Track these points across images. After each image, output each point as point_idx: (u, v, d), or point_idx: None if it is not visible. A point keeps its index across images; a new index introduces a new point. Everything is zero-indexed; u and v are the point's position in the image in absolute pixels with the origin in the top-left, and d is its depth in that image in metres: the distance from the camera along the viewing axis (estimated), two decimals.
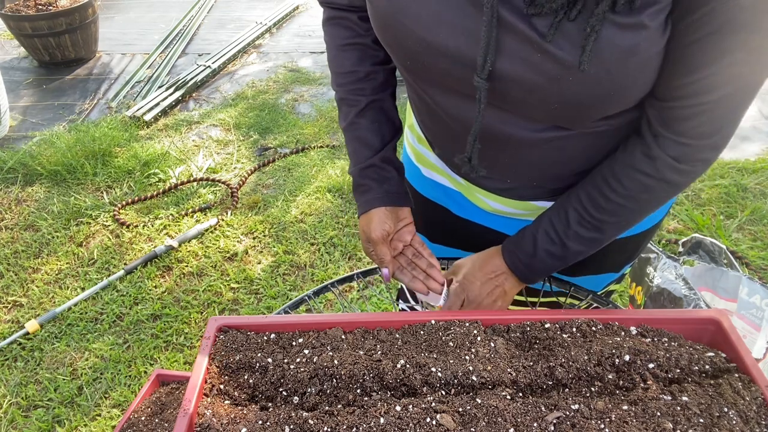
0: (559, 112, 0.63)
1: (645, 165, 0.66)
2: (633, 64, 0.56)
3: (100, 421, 1.71)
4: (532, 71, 0.58)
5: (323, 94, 3.56)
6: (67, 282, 2.20)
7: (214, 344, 0.72)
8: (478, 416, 0.61)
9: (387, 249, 0.85)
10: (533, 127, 0.68)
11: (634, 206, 0.70)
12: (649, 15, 0.53)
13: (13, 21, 3.61)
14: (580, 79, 0.57)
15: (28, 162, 2.83)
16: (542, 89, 0.59)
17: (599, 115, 0.63)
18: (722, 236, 2.21)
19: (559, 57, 0.55)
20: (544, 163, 0.74)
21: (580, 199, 0.73)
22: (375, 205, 0.84)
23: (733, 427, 0.59)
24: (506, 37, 0.57)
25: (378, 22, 0.66)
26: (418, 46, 0.63)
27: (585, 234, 0.74)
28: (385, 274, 0.85)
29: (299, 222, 2.46)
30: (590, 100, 0.60)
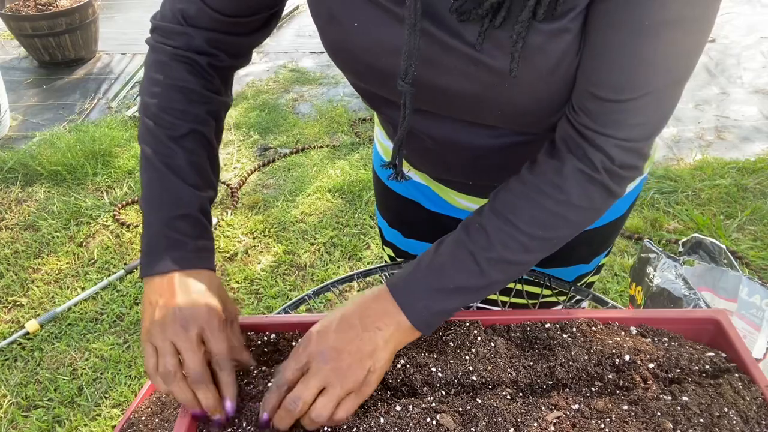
0: (505, 117, 0.63)
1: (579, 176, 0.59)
2: (563, 67, 0.55)
3: (100, 421, 1.71)
4: (469, 82, 0.58)
5: (323, 94, 3.56)
6: (67, 282, 2.20)
7: None
8: (479, 416, 0.61)
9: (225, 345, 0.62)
10: (490, 133, 0.68)
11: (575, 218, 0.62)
12: (570, 19, 0.52)
13: (13, 21, 3.61)
14: (515, 86, 0.57)
15: (28, 162, 2.83)
16: (483, 98, 0.60)
17: (545, 117, 0.63)
18: (722, 236, 2.21)
19: (492, 65, 0.56)
20: (505, 165, 0.74)
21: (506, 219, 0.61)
22: (201, 264, 0.65)
23: (733, 427, 0.59)
24: (439, 52, 0.57)
25: (329, 50, 0.66)
26: (365, 70, 0.64)
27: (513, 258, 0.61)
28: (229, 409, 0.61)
29: (299, 222, 2.46)
30: (530, 106, 0.60)
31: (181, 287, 0.62)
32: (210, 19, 0.67)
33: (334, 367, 0.58)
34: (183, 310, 0.60)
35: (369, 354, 0.59)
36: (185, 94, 0.69)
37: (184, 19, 0.67)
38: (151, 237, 0.65)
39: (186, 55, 0.69)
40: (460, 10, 0.53)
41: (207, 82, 0.71)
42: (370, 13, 0.58)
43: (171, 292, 0.62)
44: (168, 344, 0.59)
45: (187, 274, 0.63)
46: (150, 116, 0.68)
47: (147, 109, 0.69)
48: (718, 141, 2.85)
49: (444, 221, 0.95)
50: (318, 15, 0.63)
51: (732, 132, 2.91)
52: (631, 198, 0.91)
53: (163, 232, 0.64)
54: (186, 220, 0.65)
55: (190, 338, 0.60)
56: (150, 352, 0.60)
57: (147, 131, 0.68)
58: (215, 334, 0.61)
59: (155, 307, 0.62)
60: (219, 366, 0.61)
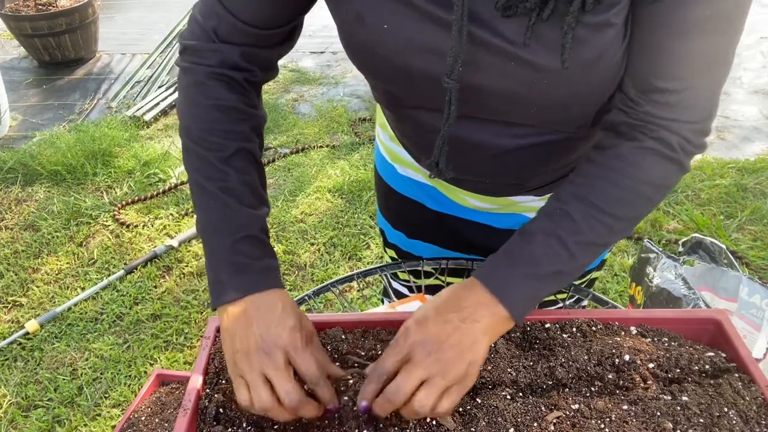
0: (538, 115, 0.64)
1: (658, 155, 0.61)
2: (604, 61, 0.57)
3: (100, 421, 1.71)
4: (507, 80, 0.59)
5: (323, 94, 3.56)
6: (67, 282, 2.20)
7: (214, 344, 0.72)
8: (479, 416, 0.61)
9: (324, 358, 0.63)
10: (515, 133, 0.68)
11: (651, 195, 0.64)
12: (614, 13, 0.54)
13: (13, 21, 3.61)
14: (555, 81, 0.58)
15: (28, 162, 2.83)
16: (519, 95, 0.60)
17: (578, 114, 0.64)
18: (722, 236, 2.21)
19: (533, 61, 0.56)
20: (522, 166, 0.74)
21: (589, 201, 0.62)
22: (271, 284, 0.64)
23: (733, 427, 0.59)
24: (478, 51, 0.57)
25: (354, 51, 0.65)
26: (393, 72, 0.63)
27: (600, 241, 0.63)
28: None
29: (299, 222, 2.46)
30: (566, 101, 0.61)
31: (256, 312, 0.61)
32: (241, 34, 0.66)
33: (436, 359, 0.57)
34: (264, 336, 0.59)
35: (469, 346, 0.58)
36: (227, 112, 0.68)
37: (216, 36, 0.66)
38: (217, 265, 0.64)
39: (222, 73, 0.68)
40: (506, 5, 0.54)
41: (246, 98, 0.70)
42: (401, 13, 0.58)
43: (247, 319, 0.61)
44: (257, 375, 0.58)
45: (259, 297, 0.63)
46: (194, 140, 0.67)
47: (190, 133, 0.68)
48: (718, 141, 2.85)
49: (449, 221, 0.95)
50: (343, 16, 0.63)
51: (732, 132, 2.91)
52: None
53: (228, 258, 0.64)
54: (249, 242, 0.65)
55: (278, 365, 0.58)
56: (241, 386, 0.59)
57: (194, 156, 0.67)
58: (300, 354, 0.60)
59: (234, 337, 0.61)
60: (314, 384, 0.60)
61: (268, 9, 0.65)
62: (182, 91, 0.70)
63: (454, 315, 0.59)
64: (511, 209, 0.89)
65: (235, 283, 0.63)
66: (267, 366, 0.58)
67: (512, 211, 0.90)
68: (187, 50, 0.68)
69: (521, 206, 0.89)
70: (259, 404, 0.57)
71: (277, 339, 0.60)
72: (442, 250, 1.00)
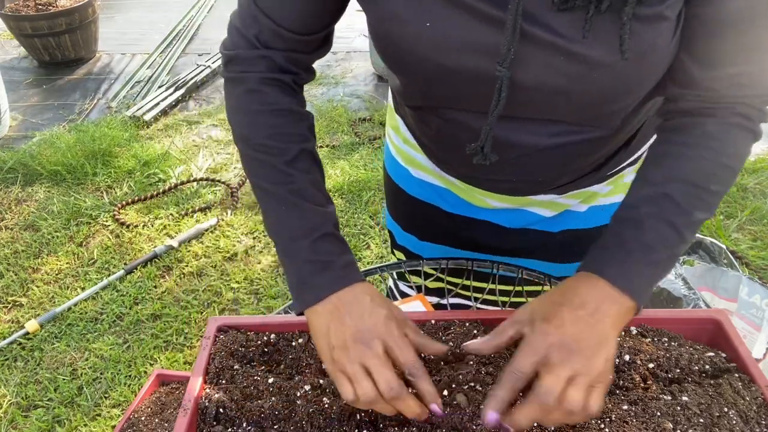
0: (581, 111, 0.65)
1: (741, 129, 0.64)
2: (654, 54, 0.58)
3: (100, 421, 1.71)
4: (555, 75, 0.59)
5: (323, 94, 3.56)
6: (67, 282, 2.20)
7: (214, 344, 0.72)
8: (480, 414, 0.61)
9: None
10: (548, 131, 0.69)
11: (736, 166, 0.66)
12: (667, 6, 0.55)
13: (13, 21, 3.61)
14: (604, 75, 0.58)
15: (28, 162, 2.83)
16: (566, 91, 0.61)
17: (618, 109, 0.65)
18: (722, 236, 2.21)
19: (584, 55, 0.56)
20: (555, 164, 0.75)
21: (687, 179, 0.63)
22: (355, 278, 0.64)
23: (733, 427, 0.59)
24: (526, 47, 0.57)
25: (389, 51, 0.65)
26: (433, 70, 0.63)
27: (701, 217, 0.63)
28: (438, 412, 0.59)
29: None
30: (612, 94, 0.62)
31: (346, 307, 0.61)
32: (283, 40, 0.67)
33: (578, 357, 0.55)
34: (359, 327, 0.60)
35: (603, 342, 0.57)
36: (285, 116, 0.69)
37: (261, 43, 0.67)
38: (298, 267, 0.65)
39: (273, 77, 0.68)
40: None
41: (297, 100, 0.71)
42: (444, 11, 0.58)
43: (338, 315, 0.61)
44: (357, 367, 0.58)
45: (346, 292, 0.63)
46: (256, 147, 0.68)
47: (249, 142, 0.68)
48: None
49: (463, 223, 0.95)
50: (379, 15, 0.62)
51: None
52: None
53: (309, 258, 0.64)
54: (326, 240, 0.65)
55: (377, 355, 0.58)
56: (342, 381, 0.59)
57: (257, 164, 0.68)
58: (398, 342, 0.60)
59: (328, 334, 0.61)
60: (412, 374, 0.59)
61: (308, 16, 0.66)
62: (235, 101, 0.70)
63: (582, 312, 0.58)
64: (524, 206, 0.89)
65: (321, 283, 0.63)
66: (366, 356, 0.58)
67: (525, 208, 0.90)
68: (234, 60, 0.69)
69: (536, 202, 0.89)
70: (364, 396, 0.57)
71: (373, 329, 0.60)
72: (453, 251, 1.00)
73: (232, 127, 0.71)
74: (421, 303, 0.95)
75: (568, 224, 0.92)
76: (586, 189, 0.87)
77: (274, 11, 0.65)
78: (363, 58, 3.89)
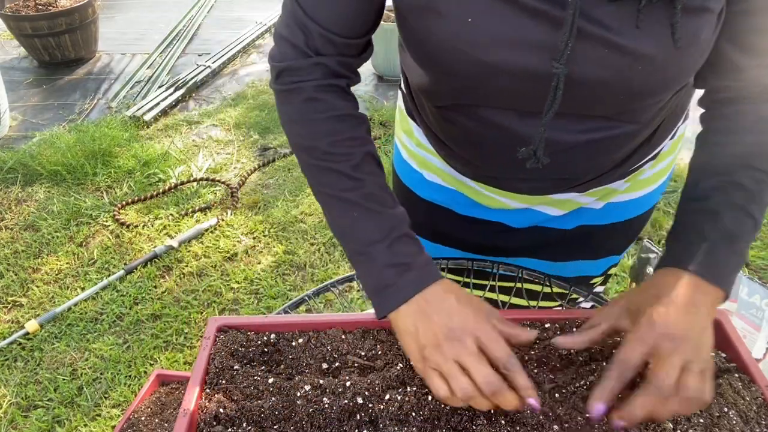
0: (620, 105, 0.65)
1: None
2: (696, 46, 0.58)
3: (100, 421, 1.71)
4: (602, 69, 0.59)
5: None
6: (67, 282, 2.20)
7: (214, 344, 0.72)
8: (479, 413, 0.61)
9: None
10: (582, 128, 0.68)
11: None
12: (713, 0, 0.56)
13: (13, 21, 3.61)
14: (648, 67, 0.58)
15: (28, 162, 2.83)
16: (609, 85, 0.60)
17: (655, 101, 0.66)
18: None
19: (630, 47, 0.56)
20: (584, 161, 0.74)
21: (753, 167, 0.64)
22: (436, 276, 0.64)
23: (733, 427, 0.59)
24: (578, 43, 0.57)
25: (426, 49, 0.64)
26: (474, 68, 0.62)
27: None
28: (536, 405, 0.58)
29: (299, 222, 2.46)
30: (654, 86, 0.61)
31: (432, 306, 0.61)
32: (334, 44, 0.66)
33: (689, 346, 0.56)
34: (449, 325, 0.59)
35: (703, 332, 0.58)
36: (346, 121, 0.69)
37: (312, 50, 0.66)
38: (378, 271, 0.64)
39: (329, 84, 0.68)
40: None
41: (354, 104, 0.71)
42: (488, 7, 0.57)
43: (425, 314, 0.61)
44: (452, 364, 0.58)
45: (429, 291, 0.63)
46: (321, 157, 0.67)
47: (313, 152, 0.68)
48: None
49: (473, 224, 0.95)
50: (417, 13, 0.61)
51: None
52: (663, 188, 0.93)
53: (389, 261, 0.64)
54: (403, 241, 0.65)
55: (471, 351, 0.58)
56: (435, 378, 0.59)
57: (323, 173, 0.68)
58: (491, 337, 0.59)
59: (417, 334, 0.61)
60: (507, 368, 0.58)
61: (354, 18, 0.66)
62: (293, 112, 0.69)
63: (680, 303, 0.59)
64: (537, 205, 0.89)
65: (404, 284, 0.63)
66: (461, 353, 0.58)
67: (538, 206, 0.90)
68: (287, 71, 0.68)
69: (552, 200, 0.88)
70: (463, 393, 0.57)
71: (465, 326, 0.59)
72: (462, 252, 1.00)
73: (292, 138, 0.70)
74: None
75: (582, 220, 0.92)
76: (606, 186, 0.86)
77: (321, 16, 0.64)
78: None
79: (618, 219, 0.92)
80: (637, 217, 0.93)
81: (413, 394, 0.64)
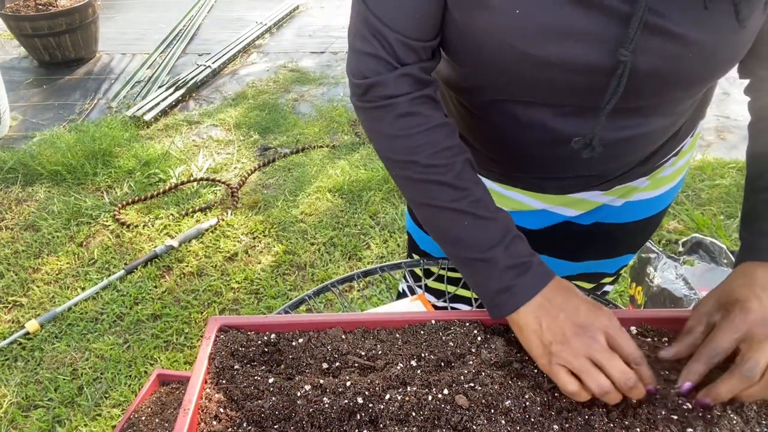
0: (667, 94, 0.64)
1: None
2: (743, 33, 0.58)
3: (100, 421, 1.71)
4: (658, 58, 0.58)
5: (323, 94, 3.56)
6: (68, 282, 2.20)
7: (214, 344, 0.72)
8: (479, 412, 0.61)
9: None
10: (622, 124, 0.68)
11: None
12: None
13: (13, 21, 3.61)
14: (700, 53, 0.58)
15: (28, 162, 2.83)
16: (663, 74, 0.60)
17: (697, 92, 0.66)
18: (722, 236, 2.21)
19: (689, 35, 0.56)
20: (616, 156, 0.74)
21: None
22: (552, 274, 0.65)
23: (733, 427, 0.59)
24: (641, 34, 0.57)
25: (471, 42, 0.63)
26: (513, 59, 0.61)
27: None
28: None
29: (299, 222, 2.46)
30: (702, 73, 0.61)
31: (554, 304, 0.62)
32: (414, 50, 0.65)
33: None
34: (576, 322, 0.60)
35: None
36: (442, 130, 0.67)
37: (396, 61, 0.65)
38: (498, 275, 0.64)
39: (420, 95, 0.67)
40: None
41: (443, 111, 0.70)
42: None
43: (549, 311, 0.61)
44: (584, 360, 0.58)
45: (549, 289, 0.63)
46: (423, 171, 0.67)
47: (412, 167, 0.67)
48: (719, 141, 2.85)
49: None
50: (462, 6, 0.61)
51: (732, 132, 2.91)
52: (679, 188, 0.93)
53: (508, 264, 0.64)
54: (517, 242, 0.65)
55: (603, 346, 0.59)
56: (563, 374, 0.59)
57: (427, 187, 0.67)
58: (619, 332, 0.60)
59: (541, 331, 0.61)
60: (636, 362, 0.59)
61: (427, 19, 0.64)
62: (387, 128, 0.68)
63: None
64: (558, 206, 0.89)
65: (525, 284, 0.63)
66: (594, 349, 0.58)
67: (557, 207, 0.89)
68: (374, 86, 0.66)
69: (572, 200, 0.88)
70: (599, 388, 0.57)
71: (594, 322, 0.60)
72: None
73: (385, 153, 0.69)
74: (422, 303, 0.95)
75: (599, 218, 0.91)
76: (628, 184, 0.86)
77: (397, 22, 0.63)
78: None
79: (637, 217, 0.92)
80: (655, 215, 0.93)
81: (413, 394, 0.64)
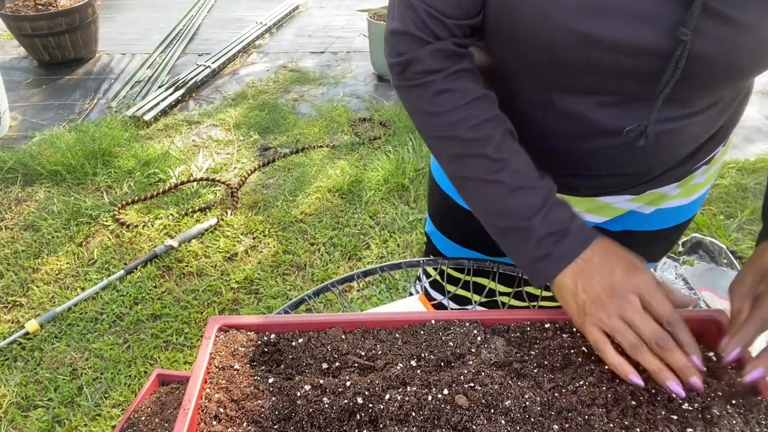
0: (716, 83, 0.62)
1: None
2: None
3: (100, 421, 1.71)
4: (714, 43, 0.57)
5: (323, 94, 3.56)
6: (67, 282, 2.20)
7: (214, 344, 0.72)
8: (482, 410, 0.61)
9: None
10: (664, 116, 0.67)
11: None
12: None
13: (13, 21, 3.61)
14: (748, 39, 0.56)
15: (28, 162, 2.83)
16: (716, 60, 0.58)
17: (749, 77, 0.64)
18: (722, 236, 2.21)
19: (737, 18, 0.55)
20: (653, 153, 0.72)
21: None
22: (592, 235, 0.64)
23: (733, 427, 0.59)
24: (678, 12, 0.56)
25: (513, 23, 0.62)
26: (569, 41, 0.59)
27: None
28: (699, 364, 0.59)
29: (299, 222, 2.46)
30: (749, 60, 0.59)
31: (592, 265, 0.62)
32: (447, 27, 0.65)
33: None
34: (611, 284, 0.60)
35: None
36: (481, 103, 0.68)
37: (430, 35, 0.65)
38: (537, 242, 0.64)
39: (456, 69, 0.67)
40: None
41: (480, 82, 0.70)
42: None
43: (586, 273, 0.61)
44: (617, 320, 0.58)
45: (588, 252, 0.63)
46: (465, 145, 0.67)
47: (452, 142, 0.68)
48: None
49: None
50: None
51: (733, 132, 2.91)
52: (704, 198, 0.92)
53: (547, 231, 0.64)
54: (556, 209, 0.65)
55: (636, 307, 0.58)
56: (596, 332, 0.59)
57: (466, 160, 0.67)
58: (655, 293, 0.59)
59: (576, 290, 0.61)
60: (671, 325, 0.58)
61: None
62: (426, 105, 0.68)
63: None
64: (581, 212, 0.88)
65: (564, 250, 0.63)
66: (626, 310, 0.58)
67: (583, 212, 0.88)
68: (411, 63, 0.67)
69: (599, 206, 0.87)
70: (631, 346, 0.57)
71: (627, 282, 0.60)
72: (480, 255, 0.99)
73: (427, 131, 0.69)
74: (421, 303, 0.95)
75: (628, 225, 0.90)
76: (658, 190, 0.85)
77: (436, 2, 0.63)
78: (363, 58, 3.89)
79: (665, 225, 0.90)
80: (682, 223, 0.91)
81: (413, 394, 0.64)
